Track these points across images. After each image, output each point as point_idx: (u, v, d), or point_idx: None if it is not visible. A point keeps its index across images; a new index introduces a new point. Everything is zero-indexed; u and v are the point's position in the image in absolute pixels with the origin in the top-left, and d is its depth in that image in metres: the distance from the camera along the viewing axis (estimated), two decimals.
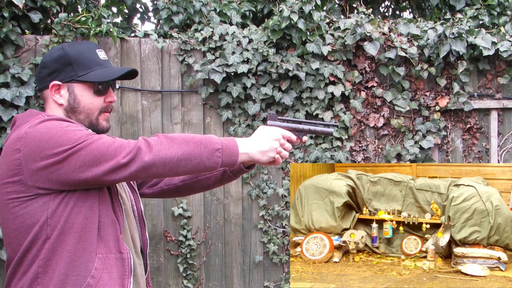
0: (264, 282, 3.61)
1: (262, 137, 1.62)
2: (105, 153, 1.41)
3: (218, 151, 1.50)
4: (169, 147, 1.45)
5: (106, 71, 1.59)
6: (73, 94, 1.57)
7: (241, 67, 3.41)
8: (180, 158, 1.45)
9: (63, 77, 1.56)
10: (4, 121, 3.24)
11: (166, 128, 3.52)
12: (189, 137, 1.49)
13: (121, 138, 1.47)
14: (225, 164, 1.53)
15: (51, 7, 3.45)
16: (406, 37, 3.61)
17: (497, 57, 3.64)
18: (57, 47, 1.60)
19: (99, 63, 1.59)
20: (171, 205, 3.53)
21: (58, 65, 1.55)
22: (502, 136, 3.71)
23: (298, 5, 3.41)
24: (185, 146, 1.46)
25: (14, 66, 3.25)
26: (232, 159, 1.53)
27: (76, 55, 1.56)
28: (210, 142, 1.50)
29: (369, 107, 3.63)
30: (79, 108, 1.57)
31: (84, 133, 1.44)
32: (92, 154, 1.41)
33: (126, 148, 1.42)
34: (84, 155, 1.41)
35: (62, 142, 1.41)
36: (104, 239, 1.49)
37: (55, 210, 1.44)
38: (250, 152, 1.58)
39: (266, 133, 1.63)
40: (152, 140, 1.45)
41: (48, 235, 1.45)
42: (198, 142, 1.48)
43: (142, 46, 3.51)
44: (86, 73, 1.56)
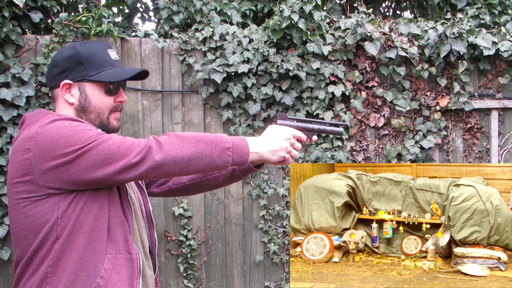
0: (264, 282, 3.61)
1: (273, 136, 1.61)
2: (115, 152, 1.41)
3: (229, 150, 1.49)
4: (180, 146, 1.44)
5: (117, 71, 1.59)
6: (84, 93, 1.57)
7: (242, 67, 3.41)
8: (191, 157, 1.45)
9: (74, 76, 1.56)
10: (4, 121, 3.24)
11: (167, 128, 3.52)
12: (200, 136, 1.48)
13: (132, 138, 1.47)
14: (236, 163, 1.52)
15: (51, 7, 3.45)
16: (406, 37, 3.60)
17: (497, 57, 3.63)
18: (68, 46, 1.60)
19: (111, 63, 1.59)
20: (171, 205, 3.53)
21: (69, 64, 1.55)
22: (503, 136, 3.71)
23: (299, 5, 3.41)
24: (196, 145, 1.46)
25: (15, 66, 3.25)
26: (242, 158, 1.52)
27: (88, 54, 1.56)
28: (220, 141, 1.49)
29: (369, 107, 3.63)
30: (90, 107, 1.57)
31: (94, 133, 1.44)
32: (103, 154, 1.41)
33: (136, 147, 1.42)
34: (95, 154, 1.40)
35: (73, 141, 1.41)
36: (114, 239, 1.49)
37: (65, 210, 1.44)
38: (260, 151, 1.57)
39: (276, 133, 1.62)
40: (163, 139, 1.45)
41: (58, 235, 1.45)
42: (209, 141, 1.48)
43: (143, 46, 3.51)
44: (98, 73, 1.56)
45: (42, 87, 3.34)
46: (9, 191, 1.50)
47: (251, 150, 1.54)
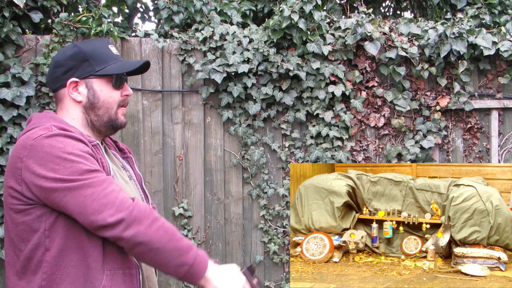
0: (264, 282, 3.61)
1: (230, 280, 1.50)
2: (93, 205, 1.37)
3: (186, 266, 1.43)
4: (152, 235, 1.38)
5: (122, 64, 1.60)
6: (92, 89, 1.57)
7: (242, 67, 3.41)
8: (153, 252, 1.40)
9: (80, 74, 1.55)
10: (4, 120, 3.24)
11: (167, 128, 3.52)
12: (175, 237, 1.42)
13: (121, 191, 1.41)
14: (184, 279, 1.46)
15: (51, 7, 3.45)
16: (406, 37, 3.60)
17: (497, 56, 3.63)
18: (69, 46, 1.60)
19: (114, 57, 1.60)
20: (171, 205, 3.53)
21: (74, 62, 1.55)
22: (503, 136, 3.71)
23: (299, 5, 3.41)
24: (165, 244, 1.40)
25: (15, 66, 3.25)
26: (192, 279, 1.46)
27: (91, 51, 1.56)
28: (186, 254, 1.42)
29: (369, 107, 3.63)
30: (99, 103, 1.57)
31: (82, 168, 1.39)
32: (81, 200, 1.37)
33: (113, 208, 1.37)
34: (75, 196, 1.38)
35: (60, 170, 1.38)
36: (111, 255, 1.47)
37: (53, 223, 1.43)
38: (211, 283, 1.48)
39: (235, 279, 1.51)
40: (145, 217, 1.39)
41: (47, 246, 1.43)
42: (178, 248, 1.41)
43: (143, 46, 3.51)
44: (104, 67, 1.56)
45: (42, 87, 3.34)
46: (4, 192, 1.50)
47: (205, 275, 1.46)
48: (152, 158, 3.51)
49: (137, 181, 1.74)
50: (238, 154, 3.58)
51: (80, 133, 1.51)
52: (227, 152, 3.59)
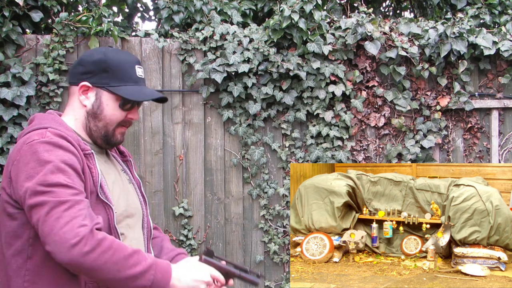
0: (265, 282, 3.62)
1: (194, 276, 1.50)
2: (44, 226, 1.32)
3: None
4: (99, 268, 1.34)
5: (138, 89, 1.58)
6: (100, 100, 1.56)
7: (242, 66, 3.41)
8: (107, 281, 1.38)
9: (95, 81, 1.55)
10: (5, 120, 3.24)
11: (167, 128, 3.52)
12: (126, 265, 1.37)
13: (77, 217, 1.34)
14: None
15: (52, 6, 3.45)
16: (407, 37, 3.60)
17: (498, 56, 3.63)
18: (99, 50, 1.60)
19: (134, 79, 1.58)
20: (172, 205, 3.53)
21: (94, 67, 1.55)
22: (503, 135, 3.71)
23: (299, 5, 3.41)
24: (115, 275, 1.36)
25: (15, 66, 3.25)
26: None
27: (115, 64, 1.55)
28: (141, 278, 1.38)
29: (370, 107, 3.62)
30: (101, 115, 1.57)
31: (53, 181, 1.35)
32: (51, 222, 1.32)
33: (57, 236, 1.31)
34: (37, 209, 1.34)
35: (34, 177, 1.35)
36: None
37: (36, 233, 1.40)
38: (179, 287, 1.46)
39: (196, 274, 1.51)
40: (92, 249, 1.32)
41: (30, 255, 1.43)
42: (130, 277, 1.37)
43: (143, 46, 3.51)
44: (118, 86, 1.55)
45: (43, 87, 3.34)
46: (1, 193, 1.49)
47: (170, 284, 1.43)
48: (152, 158, 3.51)
49: (136, 185, 1.73)
50: (238, 154, 3.58)
51: (77, 139, 1.50)
52: (227, 152, 3.59)
